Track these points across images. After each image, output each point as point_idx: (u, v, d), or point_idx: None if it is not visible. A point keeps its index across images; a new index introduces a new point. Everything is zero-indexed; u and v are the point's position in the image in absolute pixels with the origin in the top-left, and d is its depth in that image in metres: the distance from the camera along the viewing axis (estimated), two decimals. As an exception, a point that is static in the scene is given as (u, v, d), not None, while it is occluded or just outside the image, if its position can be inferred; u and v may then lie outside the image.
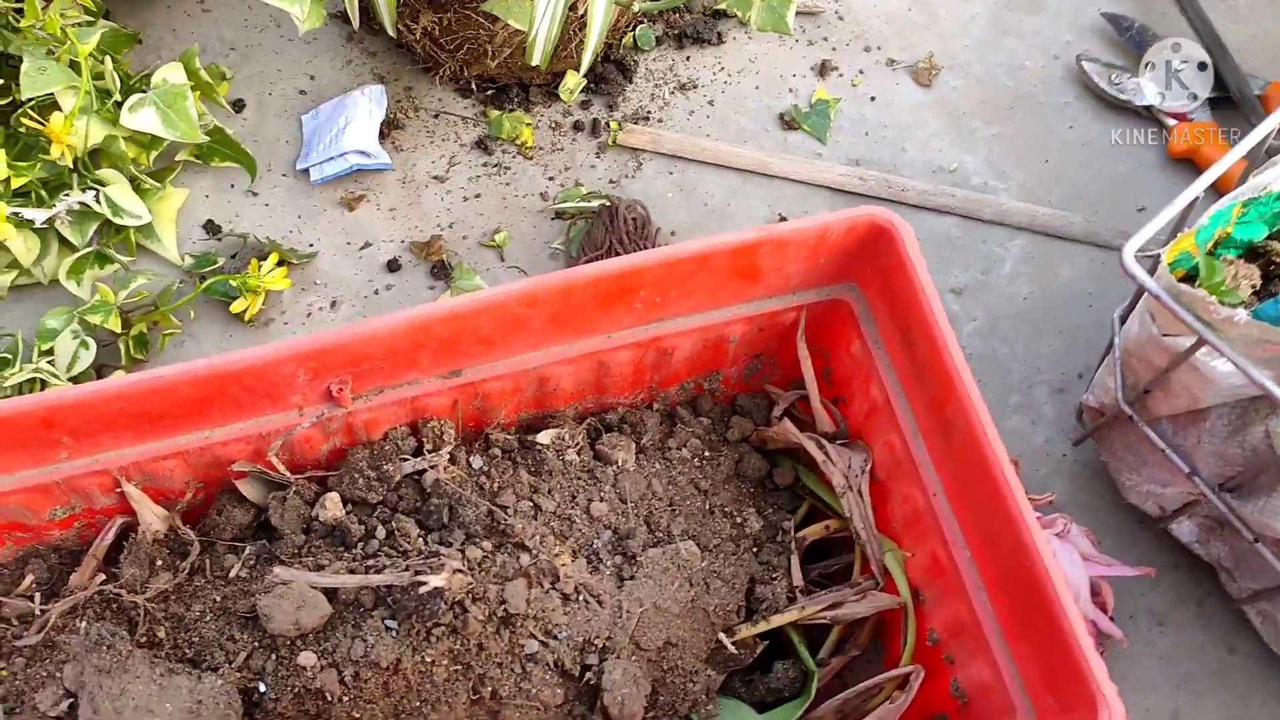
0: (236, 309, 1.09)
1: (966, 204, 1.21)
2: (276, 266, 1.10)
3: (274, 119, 1.25)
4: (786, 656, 0.87)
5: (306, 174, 1.21)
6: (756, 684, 0.86)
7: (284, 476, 0.85)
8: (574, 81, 1.25)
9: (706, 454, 0.92)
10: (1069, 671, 0.69)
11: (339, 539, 0.83)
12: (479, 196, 1.21)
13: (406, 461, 0.85)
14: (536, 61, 1.13)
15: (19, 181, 1.05)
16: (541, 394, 0.89)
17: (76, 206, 1.07)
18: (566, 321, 0.83)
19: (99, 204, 1.08)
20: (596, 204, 1.16)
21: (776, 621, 0.85)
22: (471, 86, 1.26)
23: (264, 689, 0.76)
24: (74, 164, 1.07)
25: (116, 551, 0.85)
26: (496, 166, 1.23)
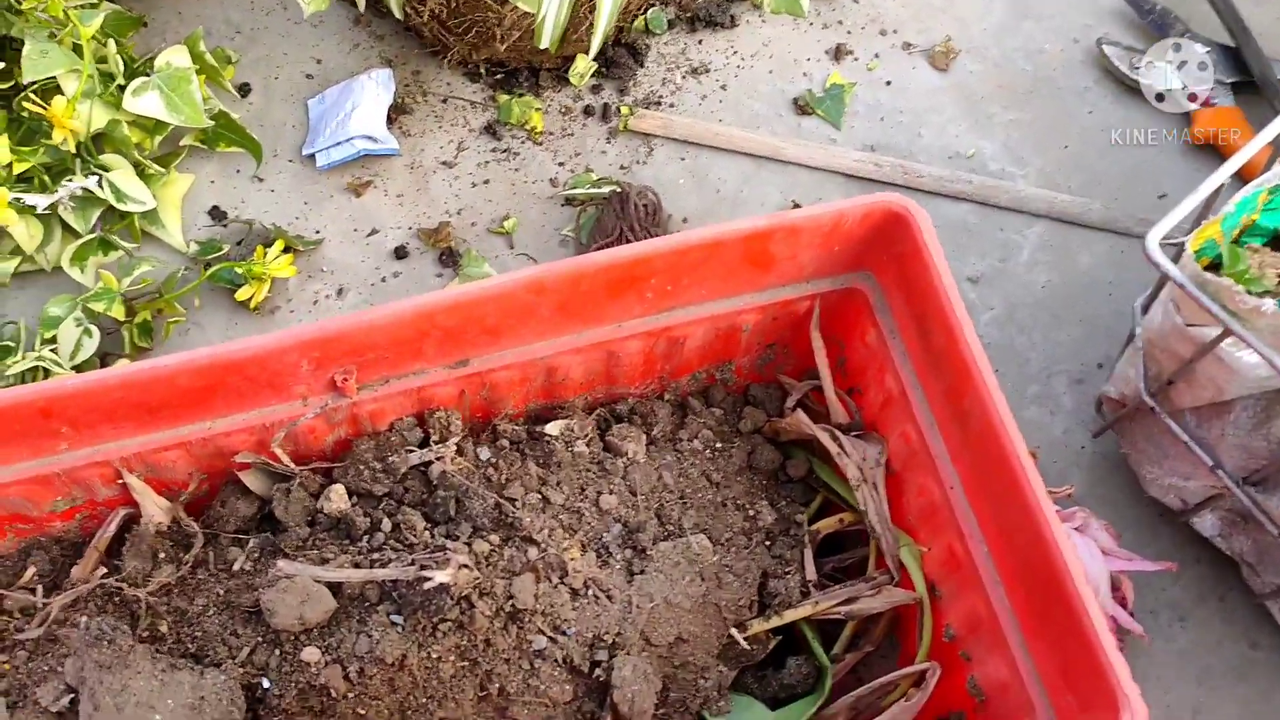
0: (242, 296, 1.08)
1: (983, 190, 1.19)
2: (282, 253, 1.09)
3: (280, 103, 1.23)
4: (799, 652, 0.86)
5: (313, 159, 1.19)
6: (769, 680, 0.85)
7: (288, 468, 0.84)
8: (584, 65, 1.23)
9: (718, 445, 0.91)
10: (1090, 670, 0.68)
11: (344, 532, 0.82)
12: (488, 183, 1.19)
13: (413, 453, 0.84)
14: (545, 45, 1.12)
15: (21, 167, 1.04)
16: (550, 384, 0.88)
17: (79, 192, 1.06)
18: (575, 310, 0.82)
19: (102, 189, 1.07)
20: (607, 190, 1.16)
21: (789, 616, 0.84)
22: (480, 70, 1.25)
23: (267, 685, 0.76)
24: (77, 149, 1.06)
25: (119, 543, 0.84)
26: (506, 152, 1.21)
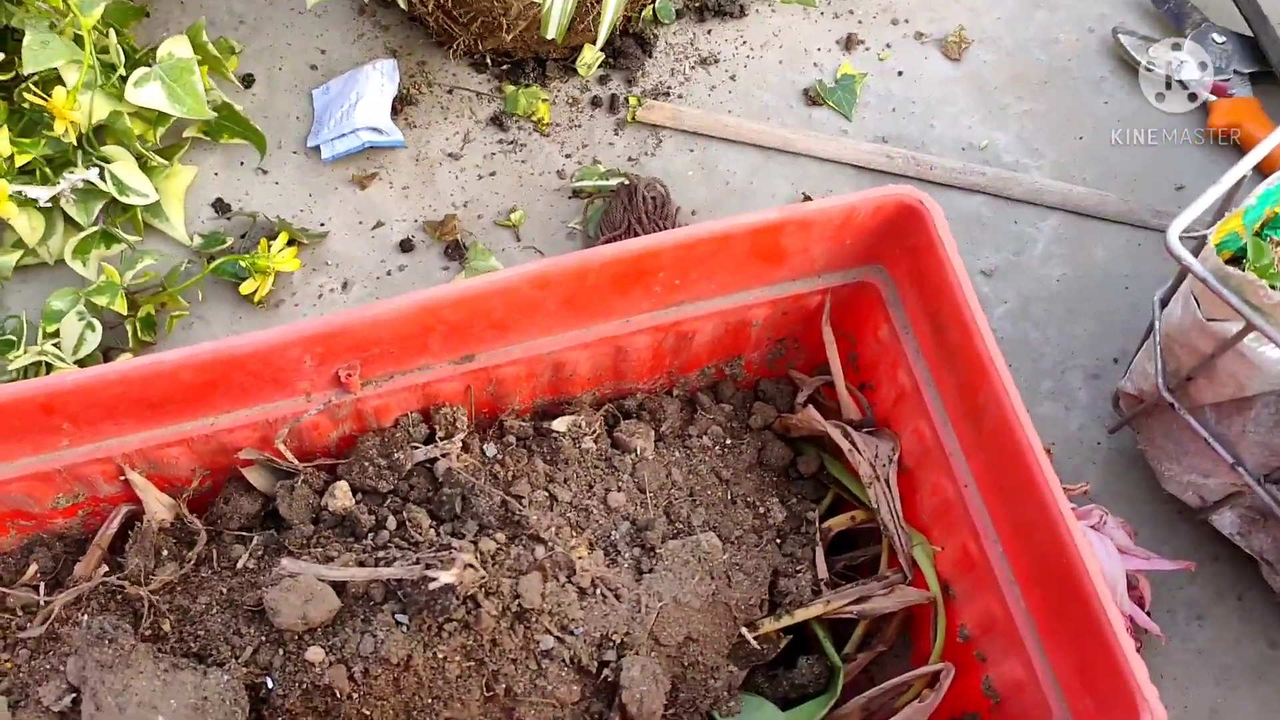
0: (246, 290, 1.07)
1: (997, 182, 1.17)
2: (286, 246, 1.08)
3: (284, 94, 1.22)
4: (811, 652, 0.85)
5: (317, 151, 1.18)
6: (780, 680, 0.84)
7: (292, 465, 0.83)
8: (591, 56, 1.22)
9: (728, 442, 0.90)
10: (1108, 671, 0.67)
11: (349, 529, 0.81)
12: (494, 174, 1.18)
13: (418, 449, 0.83)
14: (552, 35, 1.10)
15: (23, 159, 1.03)
16: (557, 380, 0.87)
17: (81, 184, 1.05)
18: (582, 305, 0.81)
19: (104, 182, 1.05)
20: (615, 182, 1.14)
21: (801, 616, 0.83)
22: (486, 61, 1.23)
23: (271, 685, 0.75)
24: (78, 141, 1.05)
25: (123, 540, 0.83)
26: (512, 144, 1.20)
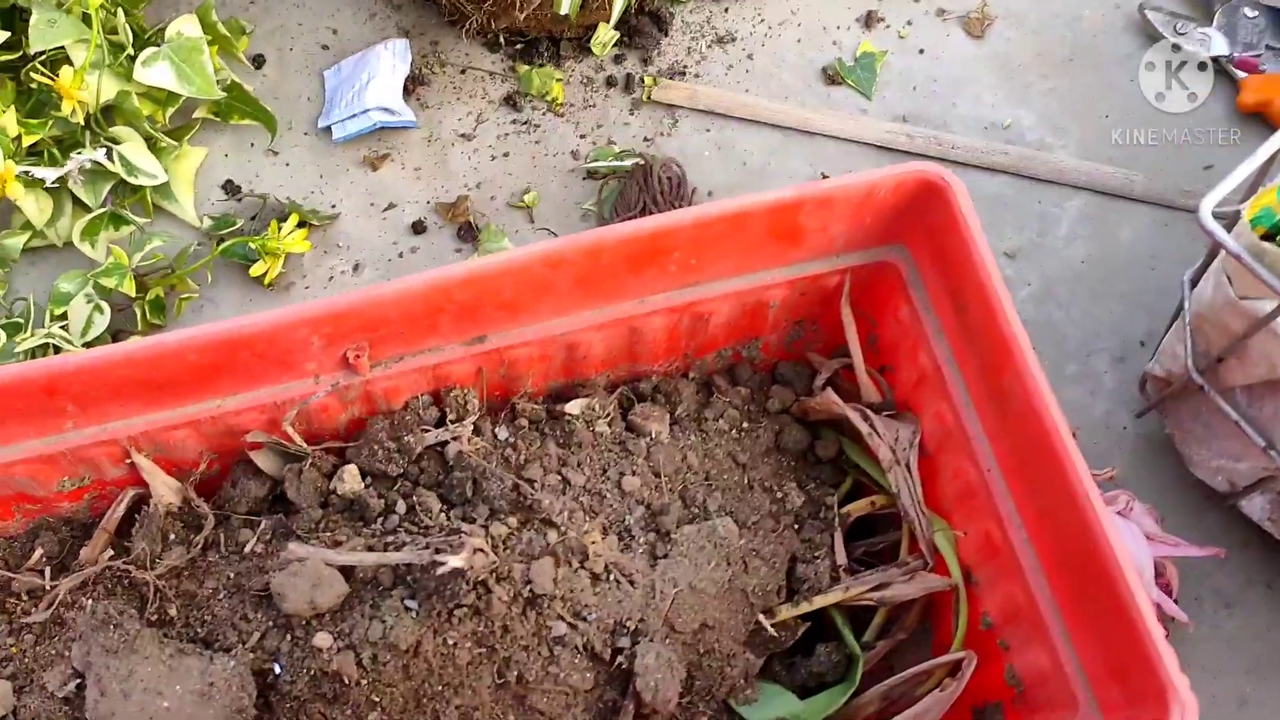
0: (256, 272, 1.06)
1: (1020, 162, 1.15)
2: (297, 228, 1.06)
3: (295, 75, 1.20)
4: (829, 639, 0.83)
5: (328, 132, 1.17)
6: (798, 667, 0.83)
7: (300, 448, 0.81)
8: (606, 34, 1.20)
9: (745, 425, 0.88)
10: (1137, 661, 0.65)
11: (357, 513, 0.80)
12: (507, 155, 1.16)
13: (428, 432, 0.81)
14: (565, 12, 1.08)
15: (30, 139, 1.02)
16: (570, 362, 0.85)
17: (89, 165, 1.04)
18: (595, 285, 0.79)
19: (113, 162, 1.04)
20: (630, 163, 1.13)
21: (819, 602, 0.82)
22: (499, 40, 1.21)
23: (279, 671, 0.73)
24: (86, 121, 1.04)
25: (129, 524, 0.82)
26: (526, 124, 1.18)
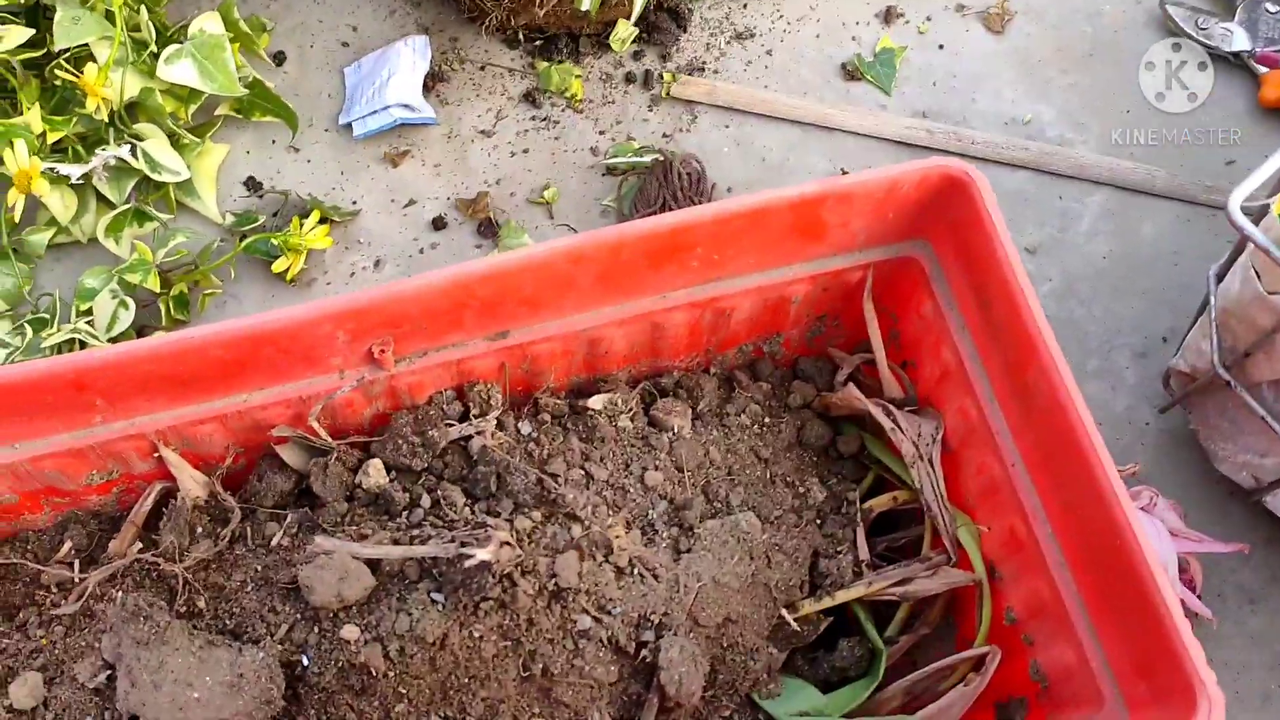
0: (278, 268, 1.06)
1: (1041, 157, 1.14)
2: (319, 224, 1.07)
3: (316, 72, 1.21)
4: (852, 634, 0.83)
5: (349, 129, 1.17)
6: (820, 662, 0.83)
7: (326, 442, 0.82)
8: (625, 30, 1.20)
9: (767, 420, 0.88)
10: (1164, 656, 0.65)
11: (383, 507, 0.80)
12: (527, 152, 1.17)
13: (452, 427, 0.82)
14: (585, 8, 1.08)
15: (55, 136, 1.02)
16: (593, 357, 0.86)
17: (113, 162, 1.04)
18: (617, 280, 0.79)
19: (136, 159, 1.05)
20: (649, 159, 1.13)
21: (842, 597, 0.82)
22: (519, 37, 1.22)
23: (306, 663, 0.74)
24: (110, 118, 1.05)
25: (157, 518, 0.83)
26: (545, 120, 1.18)
